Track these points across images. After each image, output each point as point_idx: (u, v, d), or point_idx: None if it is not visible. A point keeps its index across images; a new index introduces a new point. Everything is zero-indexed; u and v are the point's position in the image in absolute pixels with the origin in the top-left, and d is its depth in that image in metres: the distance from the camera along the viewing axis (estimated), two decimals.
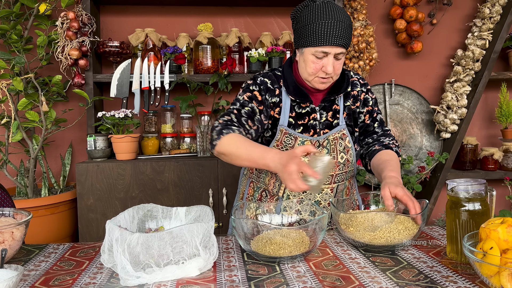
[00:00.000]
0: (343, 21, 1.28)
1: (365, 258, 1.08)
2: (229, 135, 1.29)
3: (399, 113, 2.86)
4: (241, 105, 1.39)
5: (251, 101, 1.40)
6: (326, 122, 1.44)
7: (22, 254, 1.14)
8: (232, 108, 1.39)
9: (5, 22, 2.20)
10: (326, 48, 1.29)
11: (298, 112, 1.43)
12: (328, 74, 1.33)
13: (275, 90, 1.43)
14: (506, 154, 2.77)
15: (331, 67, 1.31)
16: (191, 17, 2.73)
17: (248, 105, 1.39)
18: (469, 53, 2.64)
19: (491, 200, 1.11)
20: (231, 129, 1.31)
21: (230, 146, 1.27)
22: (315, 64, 1.32)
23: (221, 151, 1.30)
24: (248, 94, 1.41)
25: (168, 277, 0.95)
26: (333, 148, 1.43)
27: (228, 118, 1.35)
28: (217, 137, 1.30)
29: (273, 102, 1.42)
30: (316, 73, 1.34)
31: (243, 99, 1.40)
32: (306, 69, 1.35)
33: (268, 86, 1.42)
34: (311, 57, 1.32)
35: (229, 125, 1.33)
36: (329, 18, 1.27)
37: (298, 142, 1.40)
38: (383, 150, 1.45)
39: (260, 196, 1.50)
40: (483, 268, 0.84)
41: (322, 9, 1.29)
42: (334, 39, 1.27)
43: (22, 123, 2.28)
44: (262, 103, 1.41)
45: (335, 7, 1.30)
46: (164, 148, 2.60)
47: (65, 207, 2.29)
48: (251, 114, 1.38)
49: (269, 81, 1.43)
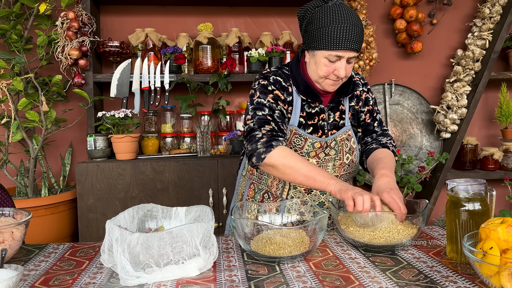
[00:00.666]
0: (357, 24, 1.27)
1: (365, 258, 1.08)
2: (280, 148, 1.26)
3: (399, 113, 2.86)
4: (270, 109, 1.34)
5: (277, 102, 1.36)
6: (333, 122, 1.44)
7: (22, 254, 1.14)
8: (263, 115, 1.33)
9: (5, 22, 2.20)
10: (340, 52, 1.27)
11: (308, 111, 1.41)
12: (339, 77, 1.32)
13: (288, 88, 1.40)
14: (506, 154, 2.77)
15: (344, 71, 1.30)
16: (191, 17, 2.73)
17: (277, 107, 1.35)
18: (469, 53, 2.64)
19: (491, 200, 1.11)
20: (280, 141, 1.28)
21: (285, 160, 1.24)
22: (328, 68, 1.30)
23: (272, 163, 1.26)
24: (271, 96, 1.36)
25: (168, 277, 0.95)
26: (340, 149, 1.43)
27: (270, 128, 1.31)
28: (266, 150, 1.26)
29: (289, 101, 1.40)
30: (327, 76, 1.32)
31: (269, 102, 1.35)
32: (317, 72, 1.33)
33: (283, 84, 1.40)
34: (324, 60, 1.30)
35: (275, 136, 1.29)
36: (344, 21, 1.25)
37: (308, 143, 1.39)
38: (379, 148, 1.45)
39: (262, 198, 1.49)
40: (483, 268, 0.84)
41: (336, 11, 1.27)
42: (349, 44, 1.26)
43: (22, 123, 2.28)
44: (285, 102, 1.38)
45: (348, 10, 1.28)
46: (164, 148, 2.60)
47: (65, 207, 2.29)
48: (282, 117, 1.35)
49: (281, 79, 1.40)
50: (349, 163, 1.45)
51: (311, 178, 1.23)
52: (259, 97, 1.37)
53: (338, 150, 1.43)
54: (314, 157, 1.40)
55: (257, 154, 1.27)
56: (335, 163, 1.43)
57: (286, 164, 1.24)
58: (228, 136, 2.47)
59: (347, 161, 1.44)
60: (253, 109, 1.35)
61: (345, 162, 1.44)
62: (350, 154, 1.45)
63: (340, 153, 1.43)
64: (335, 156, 1.42)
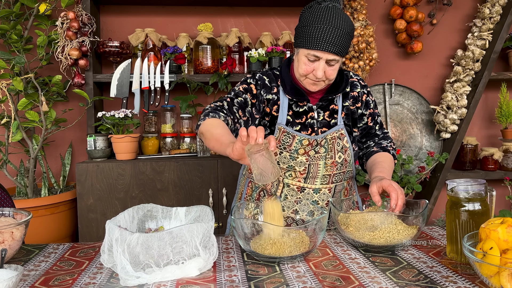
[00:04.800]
0: (341, 28, 1.27)
1: (365, 258, 1.08)
2: (213, 119, 1.30)
3: (399, 113, 2.86)
4: (235, 94, 1.42)
5: (246, 92, 1.42)
6: (323, 121, 1.44)
7: (22, 254, 1.14)
8: (226, 96, 1.42)
9: (5, 22, 2.20)
10: (317, 53, 1.29)
11: (295, 110, 1.43)
12: (318, 78, 1.33)
13: (273, 88, 1.44)
14: (506, 154, 2.77)
15: (321, 72, 1.31)
16: (191, 17, 2.73)
17: (242, 95, 1.41)
18: (469, 53, 2.64)
19: (491, 200, 1.11)
20: (218, 114, 1.33)
21: (209, 126, 1.27)
22: (306, 66, 1.32)
23: (202, 131, 1.30)
24: (244, 86, 1.44)
25: (168, 277, 0.95)
26: (331, 148, 1.43)
27: (219, 104, 1.37)
28: (202, 118, 1.32)
29: (268, 98, 1.44)
30: (306, 75, 1.35)
31: (239, 90, 1.43)
32: (298, 69, 1.36)
33: (266, 83, 1.44)
34: (304, 58, 1.32)
35: (218, 110, 1.34)
36: (326, 23, 1.26)
37: (296, 141, 1.40)
38: (380, 152, 1.48)
39: (258, 195, 1.50)
40: (483, 268, 0.84)
41: (323, 13, 1.28)
42: (326, 45, 1.27)
43: (22, 123, 2.28)
44: (256, 97, 1.43)
45: (337, 13, 1.28)
46: (164, 148, 2.60)
47: (65, 207, 2.29)
48: (243, 105, 1.40)
49: (267, 78, 1.45)
50: (341, 162, 1.45)
51: (219, 141, 1.20)
52: (236, 86, 1.46)
53: (329, 148, 1.42)
54: (303, 154, 1.40)
55: (197, 123, 1.34)
56: (327, 162, 1.42)
57: (209, 130, 1.26)
58: None
59: (339, 160, 1.44)
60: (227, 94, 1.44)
61: (337, 161, 1.44)
62: (343, 153, 1.45)
63: (331, 151, 1.43)
64: (325, 154, 1.42)
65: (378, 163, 1.40)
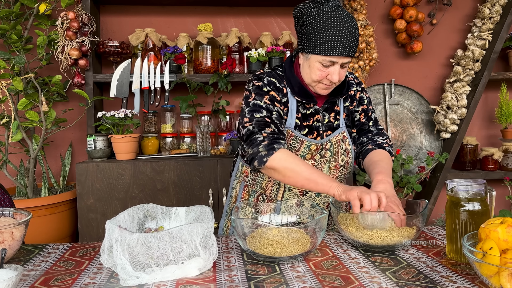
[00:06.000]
0: (352, 30, 1.25)
1: (364, 258, 1.08)
2: (282, 151, 1.24)
3: (399, 113, 2.86)
4: (267, 110, 1.32)
5: (273, 103, 1.34)
6: (328, 123, 1.43)
7: (22, 254, 1.14)
8: (261, 117, 1.31)
9: (5, 22, 2.20)
10: (334, 58, 1.26)
11: (303, 113, 1.40)
12: (333, 82, 1.31)
13: (283, 89, 1.39)
14: (506, 154, 2.77)
15: (337, 76, 1.29)
16: (191, 17, 2.73)
17: (274, 109, 1.33)
18: (469, 53, 2.64)
19: (491, 200, 1.11)
20: (281, 144, 1.26)
21: (286, 162, 1.23)
22: (321, 72, 1.29)
23: (274, 166, 1.24)
24: (267, 97, 1.35)
25: (168, 277, 0.95)
26: (335, 151, 1.42)
27: (271, 131, 1.29)
28: (268, 153, 1.24)
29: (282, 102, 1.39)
30: (320, 80, 1.31)
31: (265, 103, 1.33)
32: (310, 75, 1.32)
33: (277, 85, 1.38)
34: (318, 64, 1.28)
35: (276, 138, 1.27)
36: (339, 27, 1.23)
37: (304, 146, 1.39)
38: (375, 149, 1.44)
39: (257, 200, 1.47)
40: (482, 268, 0.84)
41: (332, 15, 1.24)
42: (343, 50, 1.24)
43: (22, 123, 2.28)
44: (280, 103, 1.37)
45: (345, 14, 1.26)
46: (164, 148, 2.60)
47: (65, 207, 2.29)
48: (280, 118, 1.34)
49: (275, 80, 1.39)
50: (344, 164, 1.45)
51: (312, 181, 1.21)
52: (254, 98, 1.35)
53: (334, 152, 1.42)
54: (309, 159, 1.39)
55: (259, 158, 1.25)
56: (330, 165, 1.42)
57: (288, 167, 1.23)
58: (228, 136, 2.47)
59: (342, 163, 1.44)
60: (250, 111, 1.33)
61: (340, 163, 1.43)
62: (345, 156, 1.44)
63: (335, 155, 1.42)
64: (330, 158, 1.41)
65: (376, 163, 1.37)
